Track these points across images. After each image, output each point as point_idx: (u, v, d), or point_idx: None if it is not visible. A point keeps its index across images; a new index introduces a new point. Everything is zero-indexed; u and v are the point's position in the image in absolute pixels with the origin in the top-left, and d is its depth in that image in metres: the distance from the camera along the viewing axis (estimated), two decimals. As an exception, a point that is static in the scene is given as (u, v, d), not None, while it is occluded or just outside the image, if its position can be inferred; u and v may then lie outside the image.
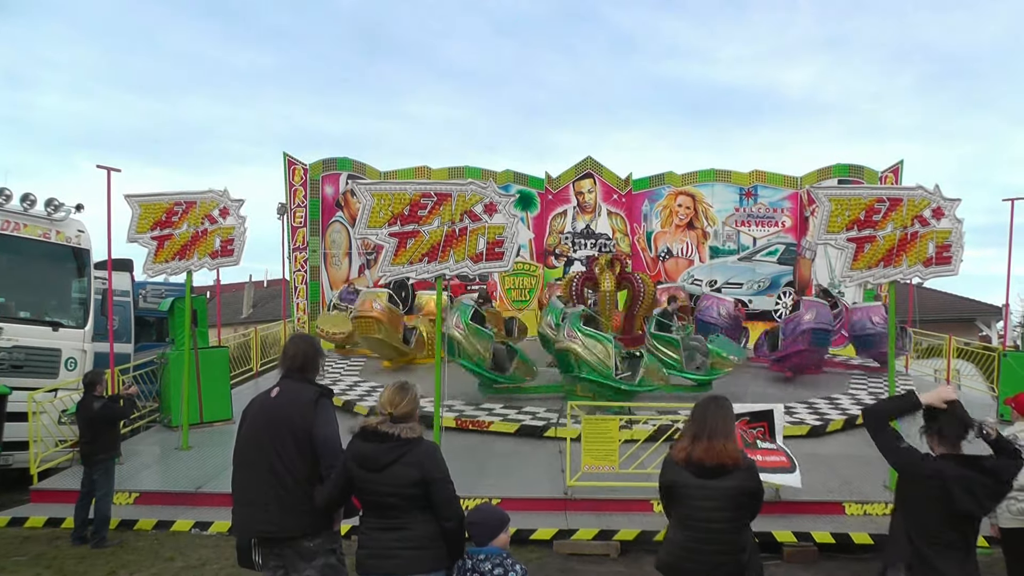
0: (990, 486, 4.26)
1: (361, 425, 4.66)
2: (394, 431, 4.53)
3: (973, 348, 20.47)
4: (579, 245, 24.51)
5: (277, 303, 32.66)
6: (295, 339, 5.32)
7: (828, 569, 8.95)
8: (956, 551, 4.25)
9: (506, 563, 4.45)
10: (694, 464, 4.66)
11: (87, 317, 13.98)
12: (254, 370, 19.34)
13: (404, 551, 4.46)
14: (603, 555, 9.28)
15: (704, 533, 4.63)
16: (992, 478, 4.28)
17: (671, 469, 4.78)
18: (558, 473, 11.05)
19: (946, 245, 10.25)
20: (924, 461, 4.43)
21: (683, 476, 4.68)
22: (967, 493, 4.22)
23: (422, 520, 4.50)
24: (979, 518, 4.27)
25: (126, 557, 9.00)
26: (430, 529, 4.50)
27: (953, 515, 4.24)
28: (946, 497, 4.25)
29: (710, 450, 4.66)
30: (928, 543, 4.28)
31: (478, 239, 10.58)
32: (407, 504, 4.47)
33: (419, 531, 4.49)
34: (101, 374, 10.47)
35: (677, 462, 4.75)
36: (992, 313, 34.50)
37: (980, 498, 4.23)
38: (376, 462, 4.50)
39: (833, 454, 12.17)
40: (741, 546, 4.73)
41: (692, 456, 4.68)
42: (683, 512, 4.70)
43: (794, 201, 24.20)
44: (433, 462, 4.53)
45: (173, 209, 12.45)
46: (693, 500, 4.65)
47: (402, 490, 4.46)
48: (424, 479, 4.46)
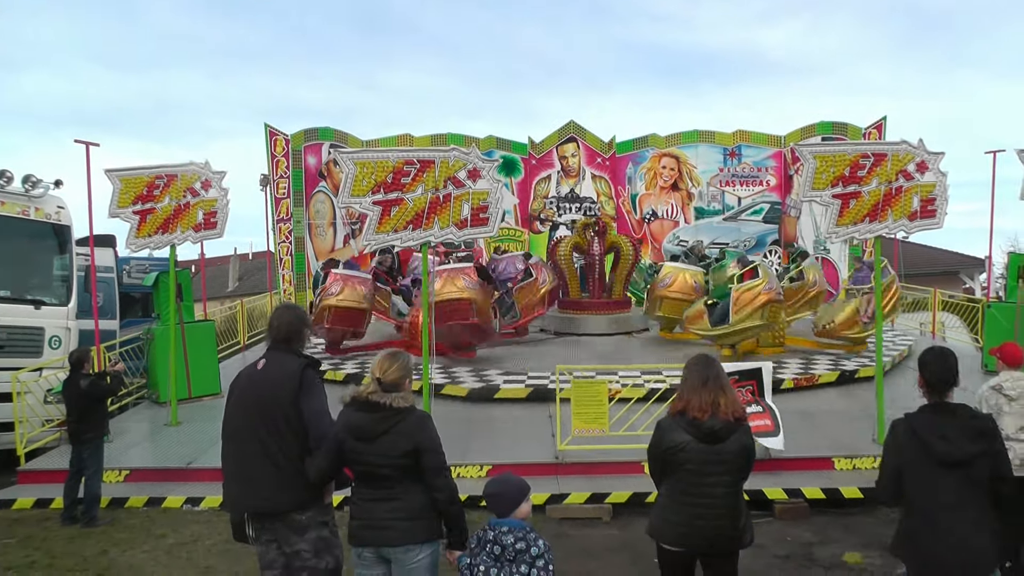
0: (958, 426, 4.29)
1: (352, 395, 4.64)
2: (385, 400, 4.51)
3: (957, 300, 20.54)
4: (564, 209, 24.43)
5: (263, 275, 32.55)
6: (280, 309, 5.29)
7: (819, 524, 8.99)
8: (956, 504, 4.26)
9: (529, 537, 4.37)
10: (698, 426, 4.65)
11: (70, 294, 13.85)
12: (241, 343, 19.26)
13: (397, 522, 4.46)
14: (595, 518, 9.30)
15: (709, 498, 4.62)
16: (955, 416, 4.33)
17: (671, 432, 4.74)
18: (548, 438, 11.06)
19: (931, 199, 10.23)
20: (894, 430, 4.50)
21: (684, 438, 4.66)
22: (940, 437, 4.27)
23: (414, 491, 4.49)
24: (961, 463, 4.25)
25: (117, 535, 8.96)
26: (422, 500, 4.49)
27: (940, 465, 4.25)
28: (921, 445, 4.30)
29: (716, 404, 4.66)
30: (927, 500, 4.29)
31: (462, 205, 10.52)
32: (399, 474, 4.46)
33: (411, 502, 4.48)
34: (88, 352, 10.36)
35: (679, 424, 4.72)
36: (975, 265, 34.69)
37: (953, 439, 4.25)
38: (368, 432, 4.48)
39: (822, 410, 12.22)
40: (740, 508, 4.75)
41: (697, 414, 4.66)
42: (684, 477, 4.67)
43: (778, 160, 24.14)
44: (424, 432, 4.52)
45: (154, 183, 12.30)
46: (696, 464, 4.63)
47: (394, 460, 4.44)
48: (416, 449, 4.45)
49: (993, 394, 6.86)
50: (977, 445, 4.26)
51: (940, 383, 4.49)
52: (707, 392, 4.72)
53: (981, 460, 4.25)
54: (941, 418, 4.36)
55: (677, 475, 4.69)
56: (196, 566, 7.95)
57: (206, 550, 8.39)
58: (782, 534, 8.64)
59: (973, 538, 4.21)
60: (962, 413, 4.38)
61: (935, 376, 4.52)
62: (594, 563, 7.95)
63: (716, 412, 4.66)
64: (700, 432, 4.63)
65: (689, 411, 4.71)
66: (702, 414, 4.66)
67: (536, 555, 4.32)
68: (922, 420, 4.40)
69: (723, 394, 4.74)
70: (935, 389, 4.49)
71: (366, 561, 4.59)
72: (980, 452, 4.25)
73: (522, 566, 4.31)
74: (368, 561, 4.58)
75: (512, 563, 4.31)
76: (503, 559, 4.33)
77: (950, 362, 4.53)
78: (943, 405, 4.42)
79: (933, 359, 4.57)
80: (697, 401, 4.71)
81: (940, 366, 4.53)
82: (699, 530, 4.64)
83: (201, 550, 8.39)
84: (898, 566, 7.35)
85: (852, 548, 8.13)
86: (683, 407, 4.76)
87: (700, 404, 4.69)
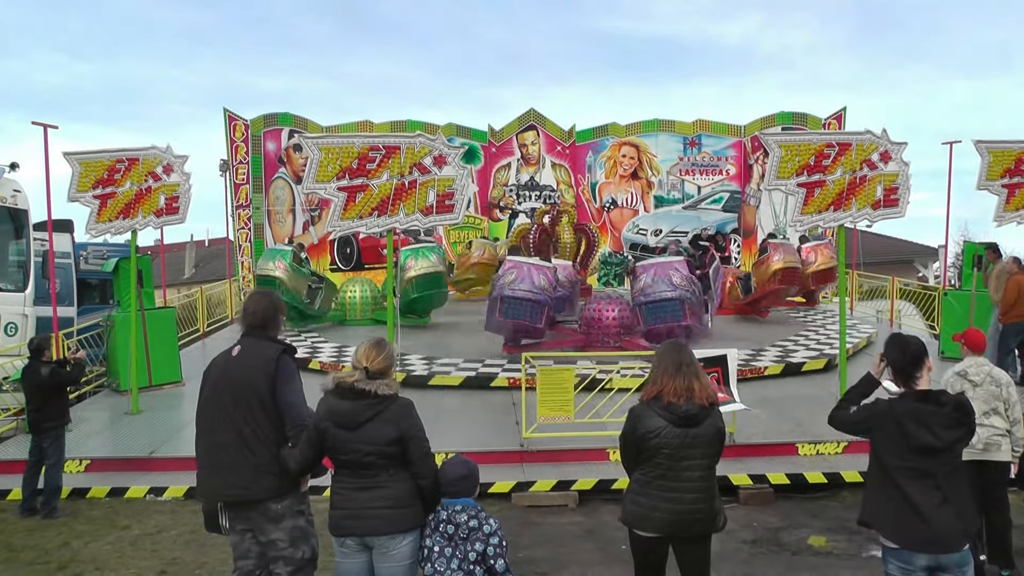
0: (939, 414, 4.33)
1: (336, 381, 4.59)
2: (370, 388, 4.48)
3: (913, 288, 20.82)
4: (523, 197, 24.45)
5: (220, 262, 32.28)
6: (255, 295, 5.24)
7: (784, 509, 9.06)
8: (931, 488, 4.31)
9: (480, 515, 4.44)
10: (674, 410, 4.66)
11: (27, 280, 13.64)
12: (200, 331, 19.07)
13: (384, 510, 4.43)
14: (562, 506, 9.30)
15: (686, 482, 4.65)
16: (938, 406, 4.36)
17: (647, 417, 4.75)
18: (514, 425, 11.06)
19: (893, 188, 10.36)
20: (876, 406, 4.55)
21: (659, 424, 4.67)
22: (920, 425, 4.31)
23: (400, 479, 4.47)
24: (940, 450, 4.30)
25: (79, 527, 8.79)
26: (408, 488, 4.48)
27: (915, 450, 4.30)
28: (902, 433, 4.33)
29: (691, 389, 4.69)
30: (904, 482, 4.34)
31: (428, 191, 10.48)
32: (385, 462, 4.44)
33: (397, 490, 4.46)
34: (48, 339, 10.16)
35: (654, 409, 4.73)
36: (929, 254, 35.23)
37: (934, 428, 4.30)
38: (352, 420, 4.45)
39: (785, 395, 12.33)
40: (715, 491, 4.79)
41: (672, 399, 4.69)
42: (661, 462, 4.69)
43: (738, 149, 24.33)
44: (410, 419, 4.51)
45: (115, 167, 12.04)
46: (673, 449, 4.65)
47: (380, 448, 4.42)
48: (401, 436, 4.43)
49: (958, 380, 6.95)
50: (955, 432, 4.33)
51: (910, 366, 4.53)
52: (682, 377, 4.75)
53: (958, 444, 4.35)
54: (920, 404, 4.40)
55: (653, 460, 4.70)
56: (162, 557, 7.83)
57: (171, 540, 8.27)
58: (748, 520, 8.70)
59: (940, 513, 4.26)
60: (945, 401, 4.43)
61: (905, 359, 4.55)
62: (561, 550, 7.94)
63: (692, 397, 4.69)
64: (676, 417, 4.65)
65: (664, 396, 4.72)
66: (678, 399, 4.68)
67: (489, 532, 4.38)
68: (905, 407, 4.43)
69: (697, 379, 4.78)
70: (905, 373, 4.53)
71: (348, 549, 4.54)
72: (957, 439, 4.33)
73: (476, 543, 4.35)
74: (350, 549, 4.54)
75: (466, 541, 4.36)
76: (456, 538, 4.37)
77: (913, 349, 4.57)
78: (925, 392, 4.46)
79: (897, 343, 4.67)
80: (672, 386, 4.73)
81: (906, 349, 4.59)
82: (676, 514, 4.66)
83: (166, 541, 8.27)
84: (865, 548, 7.50)
85: (818, 532, 8.21)
86: (657, 392, 4.78)
87: (675, 389, 4.71)
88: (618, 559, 7.33)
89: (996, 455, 6.80)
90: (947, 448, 4.31)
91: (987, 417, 6.83)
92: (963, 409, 4.39)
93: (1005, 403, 6.84)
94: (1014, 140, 11.93)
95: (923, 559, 4.27)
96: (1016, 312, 12.55)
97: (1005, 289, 12.58)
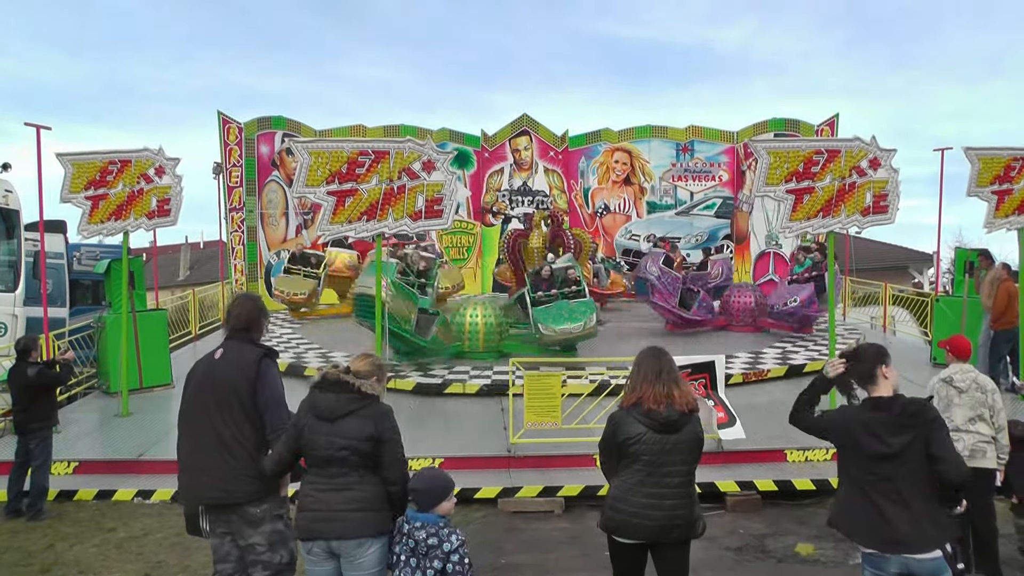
0: (888, 421, 4.32)
1: (323, 374, 4.64)
2: (354, 383, 4.52)
3: (907, 295, 20.85)
4: (516, 202, 24.45)
5: (214, 265, 32.22)
6: (239, 299, 5.24)
7: (771, 516, 9.07)
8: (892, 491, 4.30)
9: (442, 533, 4.38)
10: (654, 417, 4.67)
11: (17, 280, 13.64)
12: (192, 333, 19.06)
13: (352, 513, 4.42)
14: (548, 511, 9.31)
15: (665, 488, 4.65)
16: (887, 412, 4.35)
17: (627, 424, 4.74)
18: (501, 431, 11.06)
19: (883, 194, 10.39)
20: (833, 415, 4.63)
21: (639, 430, 4.67)
22: (869, 434, 4.31)
23: (370, 481, 4.46)
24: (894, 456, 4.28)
25: (65, 529, 8.79)
26: (378, 492, 4.47)
27: (870, 458, 4.31)
28: (854, 443, 4.37)
29: (671, 396, 4.69)
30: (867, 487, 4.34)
31: (417, 197, 10.50)
32: (357, 460, 4.44)
33: (367, 492, 4.45)
34: (35, 339, 10.16)
35: (633, 416, 4.73)
36: (923, 260, 35.24)
37: (882, 436, 4.29)
38: (331, 412, 4.48)
39: (772, 402, 12.31)
40: (694, 497, 4.79)
41: (652, 406, 4.69)
42: (639, 468, 4.68)
43: (731, 155, 24.35)
44: (387, 422, 4.52)
45: (108, 168, 12.04)
46: (653, 455, 4.65)
47: (353, 443, 4.42)
48: (377, 436, 4.44)
49: (943, 386, 6.96)
50: (902, 437, 4.30)
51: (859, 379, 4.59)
52: (661, 384, 4.76)
53: (911, 448, 4.30)
54: (872, 413, 4.40)
55: (633, 466, 4.70)
56: (147, 560, 7.83)
57: (157, 544, 8.27)
58: (734, 526, 8.71)
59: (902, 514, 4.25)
60: (892, 406, 4.41)
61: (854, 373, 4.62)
62: (546, 556, 7.95)
63: (672, 403, 4.70)
64: (656, 423, 4.66)
65: (644, 402, 4.73)
66: (658, 405, 4.69)
67: (449, 550, 4.35)
68: (858, 416, 4.45)
69: (676, 386, 4.78)
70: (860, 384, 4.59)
71: (316, 557, 4.52)
72: (907, 442, 4.29)
73: (435, 561, 4.33)
74: (318, 557, 4.51)
75: (425, 557, 4.33)
76: (418, 552, 4.35)
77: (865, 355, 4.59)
78: (877, 400, 4.46)
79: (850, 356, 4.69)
80: (651, 393, 4.73)
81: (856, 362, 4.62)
82: (655, 520, 4.65)
83: (152, 544, 8.27)
84: (852, 556, 7.50)
85: (805, 539, 8.21)
86: (637, 399, 4.78)
87: (655, 396, 4.72)
88: (603, 566, 7.28)
89: (981, 462, 6.79)
90: (900, 453, 4.28)
91: (973, 424, 6.84)
92: (911, 412, 4.35)
93: (990, 410, 6.84)
94: (1003, 147, 11.95)
95: (894, 566, 4.26)
96: (1007, 319, 12.56)
97: (996, 296, 12.60)
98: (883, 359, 4.52)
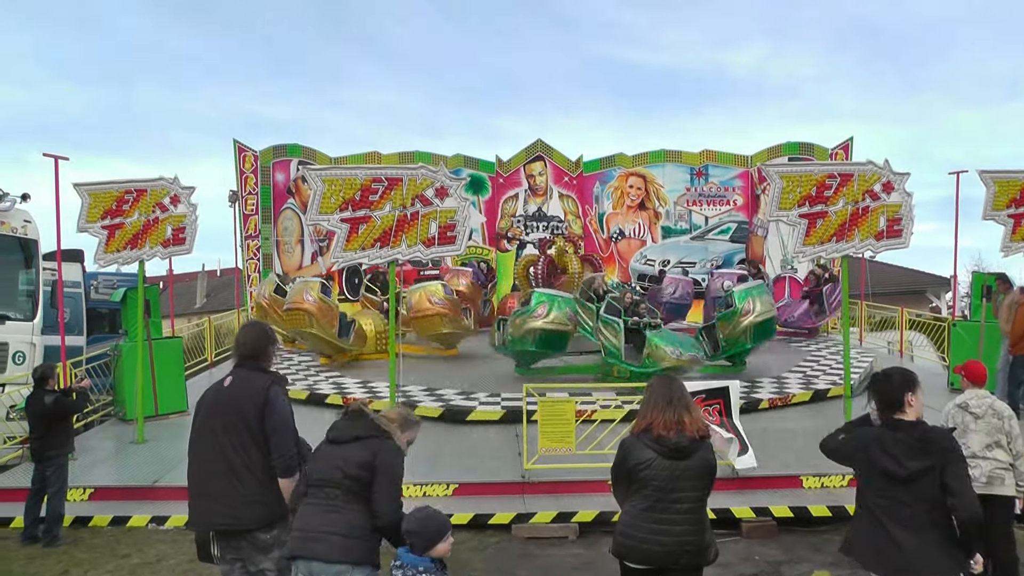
0: (906, 442, 4.34)
1: (350, 404, 4.76)
2: (373, 416, 4.57)
3: (924, 319, 20.74)
4: (531, 228, 24.47)
5: (230, 292, 32.31)
6: (247, 327, 5.29)
7: (787, 543, 9.00)
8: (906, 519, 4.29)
9: None
10: (664, 443, 4.66)
11: (36, 309, 13.74)
12: (208, 360, 19.13)
13: (330, 535, 4.39)
14: (562, 537, 9.27)
15: (675, 514, 4.64)
16: (907, 433, 4.37)
17: (637, 449, 4.74)
18: (515, 457, 11.03)
19: (897, 218, 10.35)
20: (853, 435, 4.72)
21: (649, 455, 4.67)
22: (884, 453, 4.36)
23: (357, 510, 4.43)
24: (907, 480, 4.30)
25: (80, 555, 8.81)
26: (363, 520, 4.42)
27: (882, 476, 4.37)
28: (868, 459, 4.43)
29: (681, 422, 4.69)
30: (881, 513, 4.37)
31: (430, 223, 10.53)
32: (349, 484, 4.43)
33: (350, 518, 4.41)
34: (52, 368, 10.24)
35: (644, 442, 4.73)
36: (941, 284, 35.05)
37: (898, 457, 4.32)
38: (342, 434, 4.55)
39: (789, 428, 12.27)
40: (705, 523, 4.77)
41: (662, 432, 4.68)
42: (650, 494, 4.67)
43: (745, 180, 24.29)
44: (390, 456, 4.51)
45: (123, 197, 12.16)
46: (662, 481, 4.64)
47: (349, 468, 4.43)
48: (373, 464, 4.42)
49: (959, 412, 6.91)
50: (920, 462, 4.30)
51: (881, 403, 4.62)
52: (672, 411, 4.75)
53: (927, 476, 4.29)
54: (890, 434, 4.42)
55: (643, 492, 4.69)
56: (159, 586, 7.86)
57: (170, 570, 8.28)
58: (750, 552, 8.65)
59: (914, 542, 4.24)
60: (913, 430, 4.41)
61: (877, 396, 4.65)
62: (560, 582, 7.93)
63: (682, 430, 4.69)
64: (665, 449, 4.65)
65: (654, 429, 4.72)
66: (668, 432, 4.68)
67: None
68: (871, 433, 4.53)
69: (688, 413, 4.78)
70: (880, 408, 4.62)
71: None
72: (923, 469, 4.29)
73: None
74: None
75: None
76: None
77: (892, 381, 4.60)
78: (895, 422, 4.47)
79: (877, 380, 4.72)
80: (662, 419, 4.73)
81: (882, 386, 4.65)
82: (664, 546, 4.64)
83: (165, 570, 8.28)
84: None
85: (821, 566, 8.15)
86: (647, 425, 4.78)
87: (665, 422, 4.71)
88: (616, 591, 7.28)
89: (1000, 489, 6.74)
90: (913, 479, 4.30)
91: (990, 450, 6.78)
92: (931, 439, 4.36)
93: (1007, 436, 6.79)
94: (1019, 170, 11.89)
95: None
96: (1026, 343, 12.48)
97: (1014, 320, 12.51)
98: (911, 386, 4.53)
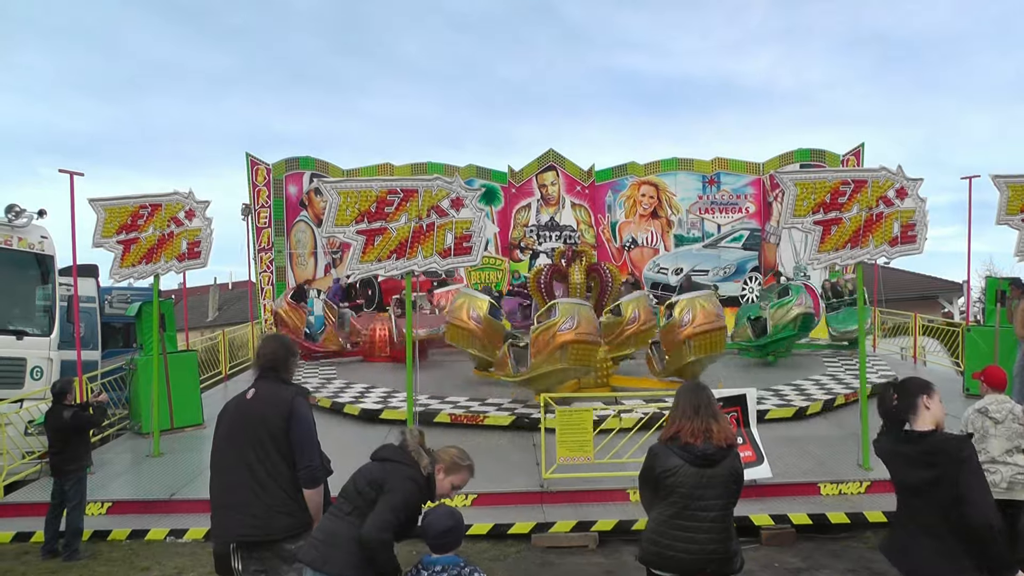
0: (911, 454, 4.36)
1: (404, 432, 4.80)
2: (409, 447, 4.62)
3: (937, 325, 20.69)
4: (544, 237, 24.50)
5: (243, 305, 32.44)
6: (268, 339, 5.29)
7: (806, 550, 8.98)
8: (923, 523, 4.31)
9: (464, 572, 4.31)
10: (691, 451, 4.66)
11: (52, 325, 13.79)
12: (223, 373, 19.16)
13: (319, 543, 4.43)
14: (582, 547, 9.26)
15: (700, 522, 4.62)
16: (912, 446, 4.38)
17: (664, 456, 4.74)
18: (533, 466, 11.02)
19: (910, 224, 10.33)
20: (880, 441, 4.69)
21: (676, 463, 4.66)
22: (897, 464, 4.45)
23: (353, 524, 4.41)
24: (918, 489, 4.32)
25: (99, 569, 8.84)
26: (354, 534, 4.37)
27: (900, 489, 4.47)
28: (889, 467, 4.53)
29: (709, 431, 4.69)
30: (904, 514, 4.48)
31: (446, 234, 10.54)
32: (355, 496, 4.47)
33: (341, 530, 4.42)
34: (70, 383, 10.28)
35: (671, 449, 4.73)
36: (953, 290, 34.98)
37: (906, 469, 4.37)
38: (376, 453, 4.64)
39: (806, 435, 12.24)
40: (731, 532, 4.76)
41: (690, 440, 4.69)
42: (676, 501, 4.67)
43: (757, 187, 24.33)
44: (400, 483, 4.47)
45: (138, 212, 12.21)
46: (688, 488, 4.63)
47: (360, 483, 4.50)
48: (381, 485, 4.43)
49: (979, 417, 6.90)
50: (927, 472, 4.28)
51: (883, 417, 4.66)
52: (700, 419, 4.74)
53: (938, 487, 4.24)
54: (902, 445, 4.45)
55: (669, 499, 4.69)
56: (180, 599, 7.87)
57: (190, 583, 8.31)
58: (769, 560, 8.64)
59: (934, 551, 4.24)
60: (923, 442, 4.39)
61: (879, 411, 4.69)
62: (581, 591, 7.92)
63: (709, 438, 4.68)
64: (693, 456, 4.65)
65: (682, 437, 4.72)
66: (695, 439, 4.68)
67: None
68: (883, 444, 4.59)
69: (715, 421, 4.77)
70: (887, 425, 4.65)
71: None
72: (932, 479, 4.27)
73: None
74: None
75: None
76: None
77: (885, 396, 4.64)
78: (908, 433, 4.46)
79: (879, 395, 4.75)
80: (690, 427, 4.72)
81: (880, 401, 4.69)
82: (691, 554, 4.63)
83: (185, 583, 8.31)
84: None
85: (839, 573, 8.15)
86: (675, 432, 4.78)
87: (692, 430, 4.71)
88: (637, 600, 7.28)
89: (1021, 494, 6.72)
90: (925, 490, 4.29)
91: (1010, 455, 6.77)
92: (936, 450, 4.31)
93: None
94: (1032, 174, 11.86)
95: None
96: (1041, 348, 12.41)
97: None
98: (926, 389, 4.52)
